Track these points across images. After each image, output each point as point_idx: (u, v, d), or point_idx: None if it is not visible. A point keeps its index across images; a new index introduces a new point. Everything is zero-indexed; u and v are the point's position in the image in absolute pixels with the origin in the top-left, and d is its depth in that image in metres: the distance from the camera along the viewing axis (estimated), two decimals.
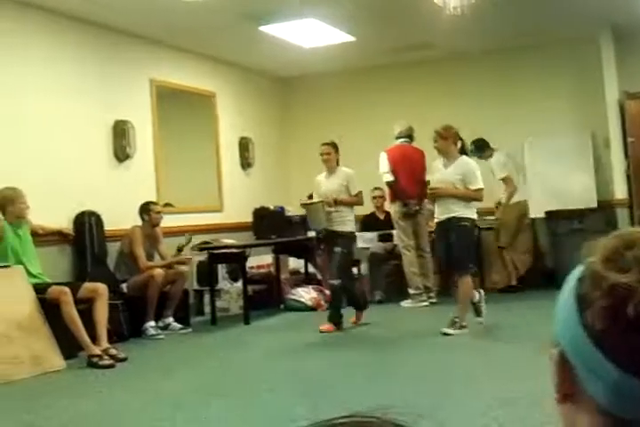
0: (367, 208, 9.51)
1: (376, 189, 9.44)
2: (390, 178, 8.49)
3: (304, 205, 7.49)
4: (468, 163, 6.68)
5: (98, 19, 7.67)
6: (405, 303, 8.48)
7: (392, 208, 8.70)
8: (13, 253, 6.23)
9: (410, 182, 8.48)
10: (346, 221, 7.19)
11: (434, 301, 8.47)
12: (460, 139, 6.76)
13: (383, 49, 9.62)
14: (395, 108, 10.31)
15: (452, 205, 6.55)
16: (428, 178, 7.50)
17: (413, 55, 10.01)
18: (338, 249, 7.06)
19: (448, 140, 6.65)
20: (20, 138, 6.86)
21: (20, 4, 6.92)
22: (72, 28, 7.52)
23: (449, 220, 6.55)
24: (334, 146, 7.33)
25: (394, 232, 8.86)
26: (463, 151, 6.78)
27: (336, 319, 7.12)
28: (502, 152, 9.20)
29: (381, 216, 9.52)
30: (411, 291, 8.51)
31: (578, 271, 0.75)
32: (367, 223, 9.45)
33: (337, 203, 7.11)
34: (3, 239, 6.23)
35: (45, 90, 7.18)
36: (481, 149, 9.06)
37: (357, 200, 7.34)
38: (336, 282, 7.09)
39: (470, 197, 6.57)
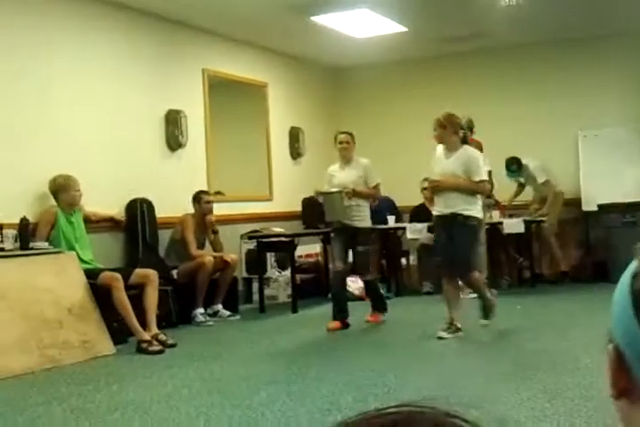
0: (417, 199, 9.46)
1: (425, 179, 9.34)
2: None
3: (321, 194, 6.88)
4: (470, 153, 6.18)
5: (152, 9, 7.74)
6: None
7: None
8: (66, 239, 6.33)
9: None
10: (365, 217, 6.83)
11: None
12: (462, 128, 6.30)
13: (436, 39, 9.55)
14: (446, 98, 10.22)
15: (456, 199, 6.11)
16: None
17: (466, 46, 9.92)
18: (362, 248, 6.83)
19: (447, 130, 6.14)
20: (74, 126, 6.95)
21: None
22: (127, 18, 7.59)
23: (454, 216, 6.09)
24: (352, 135, 6.93)
25: None
26: (465, 142, 6.28)
27: (382, 308, 7.10)
28: (532, 159, 9.19)
29: (431, 207, 9.40)
30: (459, 282, 8.42)
31: (632, 267, 0.74)
32: (416, 214, 9.39)
33: (355, 194, 6.65)
34: (55, 226, 6.34)
35: (100, 79, 7.26)
36: (519, 168, 9.16)
37: (376, 192, 6.90)
38: (370, 277, 7.07)
39: (473, 189, 6.12)
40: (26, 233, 5.95)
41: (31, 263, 5.81)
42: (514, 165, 9.13)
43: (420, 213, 9.34)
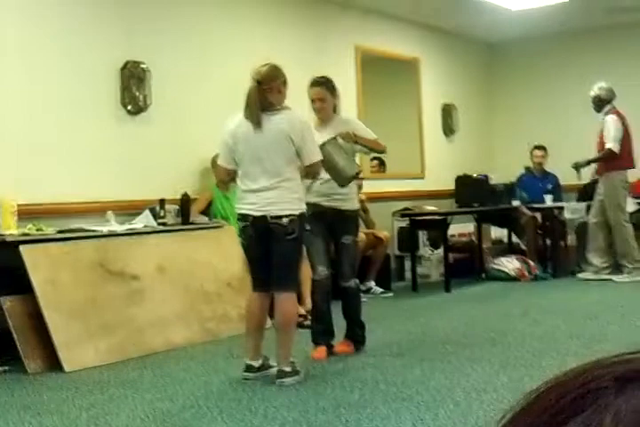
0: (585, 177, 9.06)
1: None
2: (617, 148, 7.91)
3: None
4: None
5: None
6: (619, 278, 8.06)
7: (609, 177, 8.03)
8: (222, 214, 6.49)
9: (630, 149, 8.00)
10: (352, 195, 5.03)
11: None
12: None
13: (599, 9, 9.15)
14: (608, 72, 9.82)
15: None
16: None
17: (633, 16, 9.46)
18: (349, 238, 4.98)
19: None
20: (232, 105, 7.08)
21: None
22: None
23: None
24: (330, 86, 5.12)
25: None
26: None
27: (359, 336, 5.16)
28: None
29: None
30: (628, 265, 8.06)
31: None
32: (586, 192, 8.92)
33: (358, 140, 4.94)
34: (212, 202, 6.52)
35: (255, 55, 7.35)
36: None
37: (380, 144, 5.12)
38: (353, 283, 5.09)
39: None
40: (187, 208, 6.13)
41: (191, 238, 5.98)
42: None
43: (591, 192, 8.89)
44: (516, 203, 8.89)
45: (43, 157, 5.68)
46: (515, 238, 9.22)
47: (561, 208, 8.68)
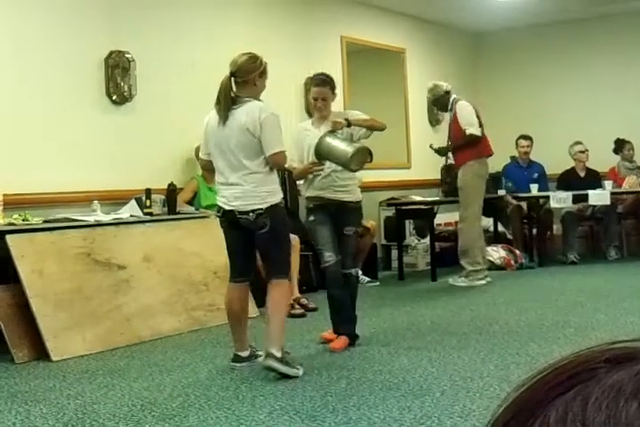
0: (566, 164, 9.13)
1: (577, 143, 9.02)
2: (479, 131, 7.52)
3: (317, 156, 4.81)
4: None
5: None
6: (456, 282, 7.46)
7: (472, 166, 7.46)
8: (206, 206, 6.47)
9: (485, 136, 7.71)
10: (354, 187, 5.12)
11: None
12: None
13: (581, 1, 9.17)
14: (593, 63, 9.86)
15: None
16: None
17: (614, 8, 9.49)
18: (350, 229, 4.99)
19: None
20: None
21: None
22: None
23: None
24: (333, 85, 5.02)
25: (589, 192, 8.47)
26: None
27: (352, 329, 5.00)
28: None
29: (582, 174, 9.09)
30: (468, 266, 7.43)
31: None
32: (564, 181, 9.00)
33: (351, 124, 4.88)
34: (197, 193, 6.51)
35: (242, 45, 7.35)
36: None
37: (377, 121, 5.09)
38: (355, 271, 5.15)
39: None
40: (173, 198, 6.12)
41: (178, 228, 5.97)
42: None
43: (567, 180, 8.98)
44: (501, 192, 8.92)
45: (28, 146, 5.66)
46: (501, 227, 9.24)
47: (546, 197, 8.72)
